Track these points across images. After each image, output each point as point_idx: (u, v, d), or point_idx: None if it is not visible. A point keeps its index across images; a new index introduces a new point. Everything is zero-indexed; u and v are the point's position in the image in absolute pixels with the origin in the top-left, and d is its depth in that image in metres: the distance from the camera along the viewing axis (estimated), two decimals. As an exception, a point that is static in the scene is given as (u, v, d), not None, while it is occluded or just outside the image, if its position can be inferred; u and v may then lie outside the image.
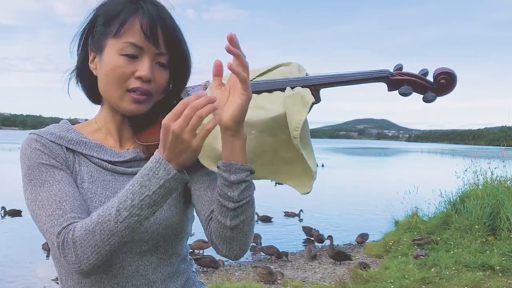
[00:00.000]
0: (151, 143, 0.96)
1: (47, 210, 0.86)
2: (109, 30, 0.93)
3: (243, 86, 0.81)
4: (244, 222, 0.90)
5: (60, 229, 0.83)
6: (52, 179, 0.89)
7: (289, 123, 0.89)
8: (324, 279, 5.72)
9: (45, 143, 0.93)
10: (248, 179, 0.86)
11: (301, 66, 1.01)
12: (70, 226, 0.83)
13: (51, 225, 0.84)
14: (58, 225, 0.84)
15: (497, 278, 5.14)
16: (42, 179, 0.89)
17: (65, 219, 0.84)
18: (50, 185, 0.88)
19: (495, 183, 7.88)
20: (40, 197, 0.87)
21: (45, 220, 0.85)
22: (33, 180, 0.89)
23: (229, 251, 0.94)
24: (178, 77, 1.02)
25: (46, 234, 0.85)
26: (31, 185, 0.89)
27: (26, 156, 0.91)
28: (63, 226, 0.83)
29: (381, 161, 39.65)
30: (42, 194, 0.87)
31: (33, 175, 0.89)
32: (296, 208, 10.50)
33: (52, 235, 0.84)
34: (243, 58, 0.81)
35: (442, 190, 7.86)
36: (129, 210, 0.81)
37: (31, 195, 0.89)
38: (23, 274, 6.33)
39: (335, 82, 0.95)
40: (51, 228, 0.84)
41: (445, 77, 0.91)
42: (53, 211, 0.85)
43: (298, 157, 0.91)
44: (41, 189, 0.88)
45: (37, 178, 0.89)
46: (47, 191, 0.87)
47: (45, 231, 0.85)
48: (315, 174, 0.92)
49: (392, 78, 0.93)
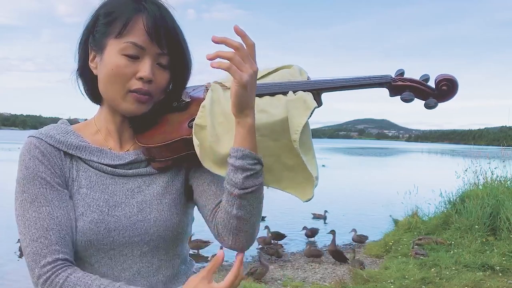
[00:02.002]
0: (152, 145, 0.96)
1: (33, 234, 0.87)
2: (110, 30, 0.93)
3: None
4: (251, 213, 0.90)
5: (45, 262, 0.85)
6: (43, 199, 0.89)
7: (290, 126, 0.89)
8: (324, 279, 5.72)
9: (44, 150, 0.92)
10: (253, 168, 0.87)
11: (302, 68, 1.01)
12: (59, 266, 0.85)
13: (34, 252, 0.86)
14: (42, 255, 0.86)
15: (497, 278, 5.14)
16: (34, 195, 0.89)
17: (50, 251, 0.86)
18: (41, 205, 0.89)
19: (495, 183, 7.88)
20: (28, 215, 0.88)
21: (28, 243, 0.87)
22: (25, 193, 0.89)
23: (235, 242, 0.94)
24: (178, 78, 1.02)
25: (28, 257, 0.87)
26: (22, 197, 0.89)
27: (25, 163, 0.91)
28: (47, 260, 0.85)
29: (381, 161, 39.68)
30: (31, 213, 0.88)
31: (27, 186, 0.90)
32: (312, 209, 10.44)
33: (34, 263, 0.86)
34: (249, 37, 0.84)
35: (442, 190, 7.87)
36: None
37: (20, 208, 0.89)
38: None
39: (337, 87, 0.96)
40: (34, 255, 0.86)
41: (447, 83, 0.92)
42: (38, 238, 0.86)
43: (300, 164, 0.91)
44: (31, 206, 0.88)
45: (29, 192, 0.89)
46: (37, 211, 0.88)
47: (27, 253, 0.87)
48: (316, 180, 0.92)
49: (394, 84, 0.94)
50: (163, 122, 1.00)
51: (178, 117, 0.99)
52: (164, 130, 0.98)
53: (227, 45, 0.82)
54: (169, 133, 0.96)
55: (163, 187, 0.98)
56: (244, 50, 0.83)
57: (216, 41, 0.82)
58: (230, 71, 0.82)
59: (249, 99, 0.85)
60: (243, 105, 0.85)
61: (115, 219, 0.92)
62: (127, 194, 0.96)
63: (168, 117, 1.00)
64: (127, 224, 0.92)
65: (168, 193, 0.98)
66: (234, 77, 0.82)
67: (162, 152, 0.96)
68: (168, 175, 1.00)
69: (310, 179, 0.92)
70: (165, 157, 0.97)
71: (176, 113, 1.00)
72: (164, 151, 0.96)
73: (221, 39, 0.82)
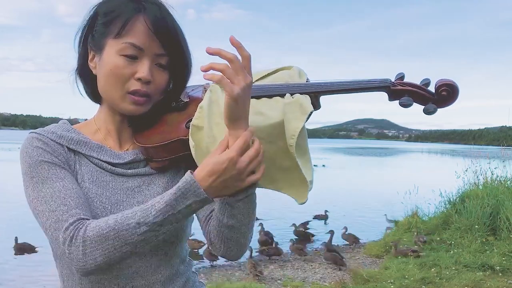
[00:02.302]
0: (150, 145, 0.96)
1: (51, 206, 0.85)
2: (109, 30, 0.93)
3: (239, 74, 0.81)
4: (241, 223, 0.90)
5: (67, 224, 0.82)
6: (55, 176, 0.88)
7: (286, 130, 0.88)
8: (324, 279, 5.71)
9: (46, 141, 0.92)
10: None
11: (301, 70, 1.00)
12: (79, 223, 0.83)
13: (55, 220, 0.84)
14: (63, 220, 0.83)
15: (497, 278, 5.14)
16: (44, 176, 0.88)
17: (70, 215, 0.84)
18: (53, 181, 0.87)
19: (495, 183, 7.87)
20: (42, 193, 0.87)
21: (48, 215, 0.84)
22: (35, 178, 0.88)
23: (226, 251, 0.94)
24: (178, 78, 1.02)
25: (50, 229, 0.84)
26: (33, 182, 0.88)
27: (28, 154, 0.90)
28: (69, 222, 0.83)
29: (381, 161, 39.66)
30: (45, 190, 0.87)
31: (35, 172, 0.89)
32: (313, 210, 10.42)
33: (57, 231, 0.83)
34: (244, 48, 0.82)
35: (442, 190, 7.86)
36: (150, 226, 0.81)
37: (33, 192, 0.88)
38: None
39: (335, 90, 0.94)
40: (55, 224, 0.83)
41: (447, 89, 0.91)
42: (58, 207, 0.84)
43: (296, 167, 0.90)
44: (44, 185, 0.87)
45: (39, 175, 0.88)
46: (50, 187, 0.87)
47: (49, 226, 0.84)
48: (310, 184, 0.91)
49: (393, 88, 0.93)
50: (161, 122, 1.00)
51: (177, 117, 0.99)
52: (162, 130, 0.97)
53: (221, 57, 0.80)
54: (167, 133, 0.96)
55: (163, 188, 0.98)
56: (237, 62, 0.81)
57: (210, 52, 0.80)
58: (221, 84, 0.80)
59: (240, 112, 0.83)
60: (234, 117, 0.83)
61: None
62: (127, 193, 0.96)
63: (167, 117, 1.00)
64: None
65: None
66: (225, 90, 0.81)
67: (160, 152, 0.96)
68: (167, 175, 1.00)
69: (304, 181, 0.91)
70: (162, 157, 0.97)
71: (174, 113, 1.00)
72: (161, 151, 0.96)
73: (215, 51, 0.80)
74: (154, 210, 0.82)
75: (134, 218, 0.81)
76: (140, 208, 0.83)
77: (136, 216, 0.82)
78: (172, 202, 0.82)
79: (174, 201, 0.82)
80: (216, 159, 0.83)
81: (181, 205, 0.82)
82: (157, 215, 0.81)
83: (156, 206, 0.82)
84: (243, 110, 0.84)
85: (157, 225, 0.81)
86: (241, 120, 0.84)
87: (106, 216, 0.90)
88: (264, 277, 5.71)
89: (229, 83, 0.80)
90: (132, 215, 0.82)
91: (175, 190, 0.82)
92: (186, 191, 0.82)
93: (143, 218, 0.81)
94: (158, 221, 0.81)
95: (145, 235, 0.81)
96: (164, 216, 0.81)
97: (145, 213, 0.82)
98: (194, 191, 0.82)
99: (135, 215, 0.82)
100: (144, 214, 0.82)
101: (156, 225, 0.81)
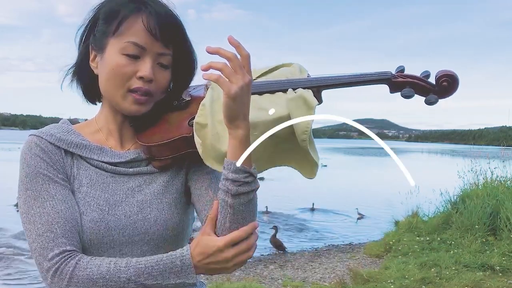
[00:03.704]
0: (152, 144, 0.96)
1: (38, 229, 0.86)
2: (109, 29, 0.93)
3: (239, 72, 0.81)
4: (243, 225, 0.90)
5: (52, 254, 0.84)
6: (46, 194, 0.89)
7: (296, 126, 0.89)
8: (324, 279, 5.72)
9: (44, 147, 0.92)
10: (246, 180, 0.86)
11: (302, 66, 1.01)
12: (67, 256, 0.85)
13: (41, 246, 0.86)
14: (49, 248, 0.85)
15: (497, 278, 5.14)
16: (37, 191, 0.89)
17: (56, 244, 0.85)
18: (44, 200, 0.89)
19: (495, 183, 7.87)
20: (32, 211, 0.88)
21: (34, 239, 0.87)
22: (29, 190, 0.90)
23: None
24: (181, 77, 1.02)
25: (34, 252, 0.87)
26: (26, 194, 0.90)
27: (26, 162, 0.91)
28: (54, 252, 0.85)
29: (381, 161, 39.64)
30: (35, 209, 0.88)
31: (29, 184, 0.90)
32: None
33: (42, 257, 0.85)
34: (243, 47, 0.82)
35: (443, 190, 7.86)
36: (137, 285, 0.84)
37: (24, 206, 0.89)
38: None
39: (337, 84, 0.95)
40: (41, 250, 0.86)
41: (447, 79, 0.91)
42: (44, 232, 0.86)
43: (298, 147, 0.92)
44: (35, 202, 0.88)
45: (32, 189, 0.89)
46: (41, 206, 0.88)
47: (34, 249, 0.87)
48: (318, 162, 0.94)
49: (394, 80, 0.94)
50: (163, 121, 1.00)
51: (179, 115, 0.99)
52: (165, 129, 0.98)
53: (220, 55, 0.80)
54: (169, 131, 0.96)
55: (164, 186, 0.98)
56: (237, 60, 0.80)
57: (210, 51, 0.81)
58: (219, 83, 0.80)
59: (239, 111, 0.83)
60: (233, 117, 0.83)
61: (115, 218, 0.92)
62: (127, 193, 0.96)
63: (169, 116, 1.00)
64: (127, 223, 0.93)
65: (169, 193, 0.98)
66: (222, 89, 0.81)
67: (162, 151, 0.97)
68: (169, 174, 1.00)
69: (314, 164, 0.94)
70: (165, 155, 0.97)
71: (176, 112, 1.00)
72: (164, 150, 0.96)
73: (214, 50, 0.80)
74: (147, 273, 0.85)
75: (126, 273, 0.84)
76: (133, 264, 0.86)
77: (129, 272, 0.84)
78: (164, 274, 0.86)
79: (167, 274, 0.86)
80: (206, 242, 0.87)
81: (171, 280, 0.86)
82: (147, 278, 0.85)
83: (149, 268, 0.85)
84: (241, 109, 0.83)
85: (143, 287, 0.85)
86: (240, 119, 0.84)
87: (103, 217, 0.91)
88: (264, 277, 5.71)
89: (226, 82, 0.80)
90: (125, 270, 0.84)
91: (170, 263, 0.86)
92: (181, 270, 0.86)
93: (134, 276, 0.84)
94: (147, 284, 0.85)
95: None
96: (153, 282, 0.85)
97: (138, 272, 0.85)
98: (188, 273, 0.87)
99: (128, 270, 0.84)
100: (137, 273, 0.85)
101: (143, 286, 0.85)
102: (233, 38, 0.81)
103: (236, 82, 0.80)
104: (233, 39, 0.81)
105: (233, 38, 0.81)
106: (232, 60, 0.80)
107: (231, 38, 0.80)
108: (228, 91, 0.80)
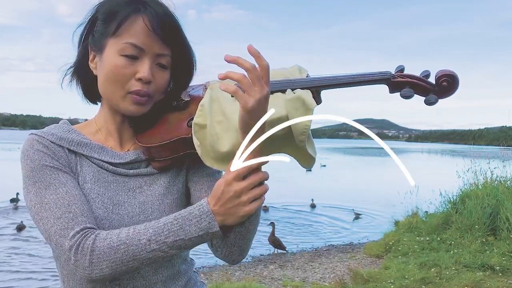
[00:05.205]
0: (151, 145, 0.96)
1: (56, 213, 0.85)
2: (108, 30, 0.93)
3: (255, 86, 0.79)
4: (248, 229, 0.90)
5: (73, 232, 0.83)
6: (57, 182, 0.88)
7: (295, 128, 0.89)
8: (324, 279, 5.71)
9: (47, 144, 0.92)
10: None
11: (301, 67, 1.00)
12: (87, 232, 0.83)
13: (61, 228, 0.84)
14: (69, 228, 0.83)
15: (497, 278, 5.13)
16: (47, 181, 0.88)
17: (76, 222, 0.84)
18: (56, 187, 0.87)
19: (495, 183, 7.87)
20: (46, 200, 0.86)
21: (53, 223, 0.84)
22: (38, 183, 0.88)
23: (228, 255, 0.94)
24: (180, 78, 1.02)
25: (54, 235, 0.84)
26: (35, 187, 0.88)
27: (29, 157, 0.90)
28: (75, 230, 0.83)
29: (381, 161, 39.63)
30: (49, 196, 0.86)
31: (37, 177, 0.88)
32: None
33: (63, 238, 0.83)
34: (263, 58, 0.79)
35: (442, 190, 7.86)
36: (160, 245, 0.83)
37: (36, 197, 0.87)
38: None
39: (336, 84, 0.94)
40: (61, 231, 0.83)
41: (447, 79, 0.91)
42: (63, 214, 0.84)
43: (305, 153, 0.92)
44: (47, 191, 0.87)
45: (41, 180, 0.88)
46: (54, 193, 0.87)
47: (53, 233, 0.84)
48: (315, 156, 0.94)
49: (393, 80, 0.93)
50: (162, 121, 1.00)
51: (178, 116, 0.99)
52: (164, 130, 0.97)
53: (239, 65, 0.78)
54: (168, 132, 0.96)
55: (165, 188, 0.98)
56: (256, 71, 0.77)
57: (229, 61, 0.78)
58: (236, 96, 0.78)
59: (254, 124, 0.81)
60: (248, 129, 0.82)
61: (119, 218, 0.92)
62: (129, 194, 0.96)
63: (168, 116, 1.00)
64: (130, 224, 0.92)
65: (170, 194, 0.98)
66: (239, 102, 0.79)
67: (161, 152, 0.96)
68: (169, 175, 1.00)
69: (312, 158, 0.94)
70: (164, 156, 0.97)
71: (175, 113, 1.00)
72: (163, 151, 0.96)
73: (233, 59, 0.78)
74: (167, 230, 0.83)
75: (145, 235, 0.82)
76: (153, 224, 0.84)
77: (148, 233, 0.83)
78: (185, 227, 0.83)
79: (188, 227, 0.83)
80: (216, 186, 0.85)
81: (193, 233, 0.83)
82: (168, 236, 0.83)
83: (169, 226, 0.83)
84: (256, 122, 0.81)
85: (166, 246, 0.83)
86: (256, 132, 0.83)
87: (107, 216, 0.91)
88: (264, 277, 5.71)
89: (244, 96, 0.78)
90: (144, 231, 0.83)
91: (191, 216, 0.84)
92: (201, 220, 0.83)
93: (154, 236, 0.82)
94: (168, 242, 0.83)
95: (153, 254, 0.82)
96: (175, 239, 0.83)
97: (157, 231, 0.83)
98: (209, 221, 0.83)
99: (146, 231, 0.83)
100: (156, 232, 0.83)
101: (166, 245, 0.83)
102: (253, 47, 0.78)
103: (253, 95, 0.78)
104: (253, 48, 0.78)
105: (252, 47, 0.78)
106: (251, 71, 0.78)
107: (250, 47, 0.77)
108: (245, 104, 0.78)
